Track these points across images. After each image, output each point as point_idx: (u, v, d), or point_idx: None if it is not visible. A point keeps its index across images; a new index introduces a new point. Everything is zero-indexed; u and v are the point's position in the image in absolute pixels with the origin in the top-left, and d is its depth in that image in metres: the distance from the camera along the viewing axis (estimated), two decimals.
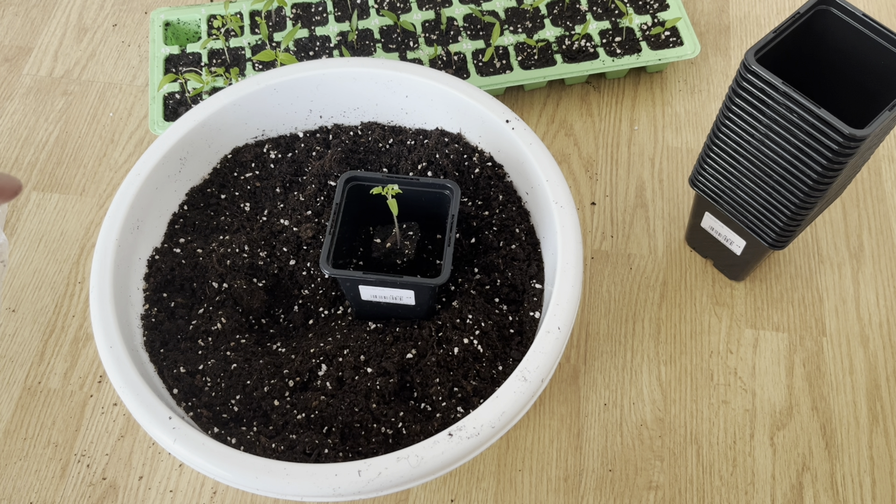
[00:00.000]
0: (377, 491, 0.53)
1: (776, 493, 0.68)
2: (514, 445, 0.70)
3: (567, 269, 0.61)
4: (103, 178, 0.87)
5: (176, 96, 0.87)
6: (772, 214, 0.65)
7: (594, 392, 0.73)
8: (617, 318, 0.77)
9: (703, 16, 0.99)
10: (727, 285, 0.79)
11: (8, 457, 0.70)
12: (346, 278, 0.61)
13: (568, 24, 0.91)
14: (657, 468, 0.69)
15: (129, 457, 0.70)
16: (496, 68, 0.88)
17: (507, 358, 0.63)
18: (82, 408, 0.72)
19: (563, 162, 0.87)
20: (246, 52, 0.90)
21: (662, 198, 0.84)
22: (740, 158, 0.64)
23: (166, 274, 0.67)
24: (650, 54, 0.89)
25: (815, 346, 0.75)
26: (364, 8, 0.93)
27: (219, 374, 0.62)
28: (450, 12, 0.92)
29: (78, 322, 0.77)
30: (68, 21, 1.00)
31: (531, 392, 0.56)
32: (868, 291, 0.78)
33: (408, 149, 0.74)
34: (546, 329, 0.58)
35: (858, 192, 0.84)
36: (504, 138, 0.70)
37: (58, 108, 0.92)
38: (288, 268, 0.68)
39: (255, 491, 0.54)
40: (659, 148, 0.88)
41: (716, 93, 0.92)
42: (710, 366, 0.74)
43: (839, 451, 0.70)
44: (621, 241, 0.82)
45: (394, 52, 0.90)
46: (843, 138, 0.54)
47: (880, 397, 0.73)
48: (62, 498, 0.68)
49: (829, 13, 0.60)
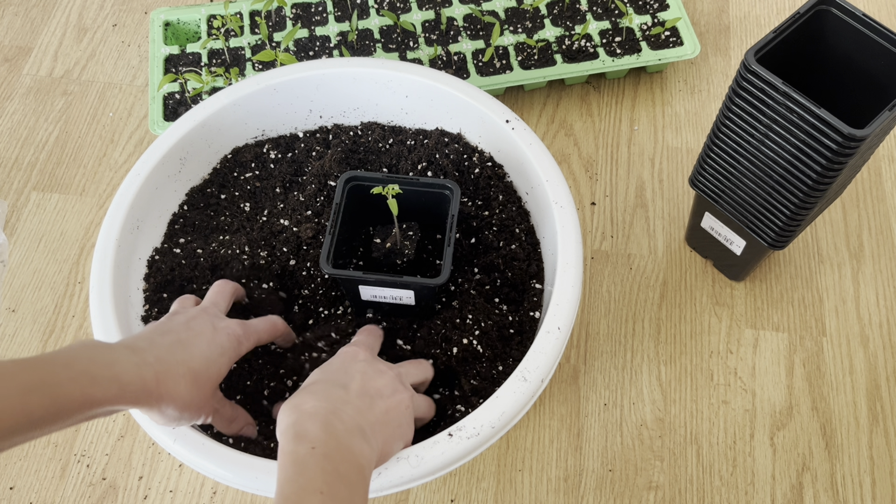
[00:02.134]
0: (377, 491, 0.53)
1: (776, 494, 0.68)
2: (514, 445, 0.70)
3: (567, 269, 0.61)
4: (103, 178, 0.87)
5: (176, 96, 0.87)
6: (772, 214, 0.65)
7: (594, 392, 0.73)
8: (617, 318, 0.77)
9: (703, 16, 0.99)
10: (727, 285, 0.79)
11: (8, 457, 0.70)
12: (345, 278, 0.61)
13: (568, 24, 0.91)
14: (657, 468, 0.69)
15: (128, 457, 0.70)
16: (496, 68, 0.88)
17: (507, 358, 0.63)
18: None
19: (563, 162, 0.87)
20: (246, 52, 0.90)
21: (662, 198, 0.84)
22: (740, 158, 0.64)
23: (166, 274, 0.67)
24: (650, 54, 0.89)
25: (815, 347, 0.75)
26: (364, 8, 0.93)
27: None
28: (450, 12, 0.92)
29: (78, 322, 0.77)
30: (68, 21, 1.00)
31: (531, 392, 0.56)
32: (868, 291, 0.78)
33: (408, 149, 0.74)
34: (546, 329, 0.58)
35: (858, 192, 0.84)
36: (504, 138, 0.70)
37: (58, 108, 0.92)
38: (288, 268, 0.68)
39: (255, 491, 0.54)
40: (659, 148, 0.88)
41: (716, 93, 0.92)
42: (710, 366, 0.74)
43: (839, 451, 0.70)
44: (621, 241, 0.82)
45: (394, 52, 0.90)
46: (843, 138, 0.54)
47: (880, 397, 0.73)
48: (62, 498, 0.68)
49: (829, 13, 0.60)
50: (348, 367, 0.54)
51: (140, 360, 0.48)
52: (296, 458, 0.45)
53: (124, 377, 0.46)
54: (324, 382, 0.52)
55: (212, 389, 0.53)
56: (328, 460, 0.45)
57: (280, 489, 0.44)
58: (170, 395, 0.49)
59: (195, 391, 0.51)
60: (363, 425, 0.49)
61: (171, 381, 0.49)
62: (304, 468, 0.44)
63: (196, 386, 0.51)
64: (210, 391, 0.52)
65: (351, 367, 0.54)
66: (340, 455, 0.46)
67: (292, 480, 0.44)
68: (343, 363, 0.54)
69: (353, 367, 0.54)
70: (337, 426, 0.47)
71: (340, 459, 0.46)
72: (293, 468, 0.45)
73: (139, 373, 0.47)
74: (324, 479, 0.44)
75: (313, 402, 0.49)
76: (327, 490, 0.43)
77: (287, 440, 0.47)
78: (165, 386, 0.49)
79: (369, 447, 0.48)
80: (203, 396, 0.52)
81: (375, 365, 0.55)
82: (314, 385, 0.51)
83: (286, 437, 0.47)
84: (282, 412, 0.49)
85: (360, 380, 0.52)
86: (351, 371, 0.53)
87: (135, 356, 0.48)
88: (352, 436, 0.48)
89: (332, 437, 0.47)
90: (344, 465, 0.45)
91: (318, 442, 0.46)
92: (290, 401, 0.50)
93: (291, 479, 0.44)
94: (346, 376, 0.53)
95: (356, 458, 0.47)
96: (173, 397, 0.49)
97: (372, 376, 0.53)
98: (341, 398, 0.50)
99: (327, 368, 0.54)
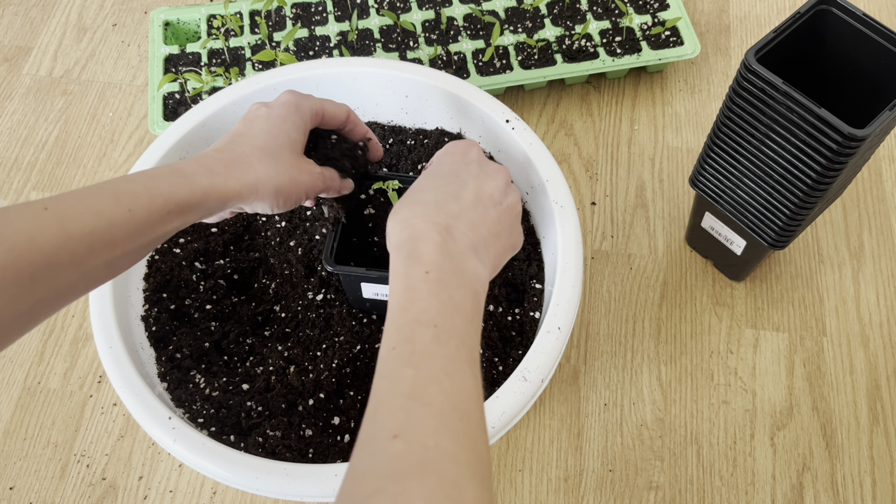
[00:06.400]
0: None
1: (776, 494, 0.68)
2: (514, 445, 0.70)
3: (567, 269, 0.61)
4: (103, 178, 0.87)
5: (176, 96, 0.87)
6: (772, 214, 0.65)
7: (594, 392, 0.73)
8: (617, 318, 0.77)
9: (704, 16, 0.99)
10: (727, 285, 0.79)
11: (8, 457, 0.70)
12: (348, 275, 0.61)
13: (568, 24, 0.91)
14: (657, 468, 0.69)
15: (128, 457, 0.70)
16: (496, 68, 0.88)
17: (507, 358, 0.63)
18: (82, 408, 0.72)
19: (563, 162, 0.87)
20: (246, 52, 0.90)
21: (662, 198, 0.84)
22: (740, 158, 0.64)
23: (166, 274, 0.67)
24: (650, 54, 0.89)
25: (815, 347, 0.75)
26: (364, 8, 0.93)
27: (219, 373, 0.62)
28: (450, 12, 0.92)
29: (77, 322, 0.77)
30: (68, 21, 1.00)
31: (531, 392, 0.56)
32: (868, 291, 0.78)
33: (408, 149, 0.74)
34: (546, 329, 0.58)
35: (858, 192, 0.84)
36: (504, 138, 0.70)
37: (57, 108, 0.92)
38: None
39: (255, 491, 0.53)
40: (659, 148, 0.88)
41: (716, 93, 0.92)
42: (710, 366, 0.74)
43: (839, 451, 0.70)
44: (621, 241, 0.81)
45: (394, 52, 0.90)
46: (843, 138, 0.54)
47: (881, 397, 0.73)
48: (62, 498, 0.68)
49: (829, 13, 0.60)
50: (460, 171, 0.51)
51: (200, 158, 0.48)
52: (408, 282, 0.43)
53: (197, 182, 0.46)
54: (436, 190, 0.49)
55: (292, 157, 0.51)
56: (442, 287, 0.42)
57: (392, 317, 0.41)
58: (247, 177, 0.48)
59: (272, 164, 0.50)
60: (476, 242, 0.47)
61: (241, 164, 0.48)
62: (416, 295, 0.42)
63: (271, 158, 0.50)
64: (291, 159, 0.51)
65: (463, 172, 0.51)
66: (456, 280, 0.43)
67: (405, 309, 0.41)
68: (454, 165, 0.52)
69: (465, 172, 0.51)
70: (451, 247, 0.45)
71: (455, 285, 0.43)
72: (405, 294, 0.42)
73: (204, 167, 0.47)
74: (438, 309, 0.41)
75: (426, 217, 0.46)
76: (441, 322, 0.41)
77: (400, 259, 0.44)
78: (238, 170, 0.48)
79: (482, 265, 0.46)
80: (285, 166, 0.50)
81: (486, 165, 0.53)
82: (426, 193, 0.49)
83: (399, 255, 0.45)
84: (393, 223, 0.47)
85: (472, 186, 0.50)
86: (463, 176, 0.51)
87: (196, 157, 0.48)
88: (465, 257, 0.45)
89: (447, 258, 0.44)
90: (459, 292, 0.43)
91: (432, 266, 0.43)
92: (400, 210, 0.47)
93: (404, 306, 0.42)
94: (458, 182, 0.50)
95: (471, 282, 0.44)
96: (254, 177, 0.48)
97: (484, 180, 0.51)
98: (454, 212, 0.47)
99: (437, 171, 0.51)
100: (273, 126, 0.52)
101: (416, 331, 0.40)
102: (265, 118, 0.52)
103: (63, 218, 0.40)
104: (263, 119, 0.52)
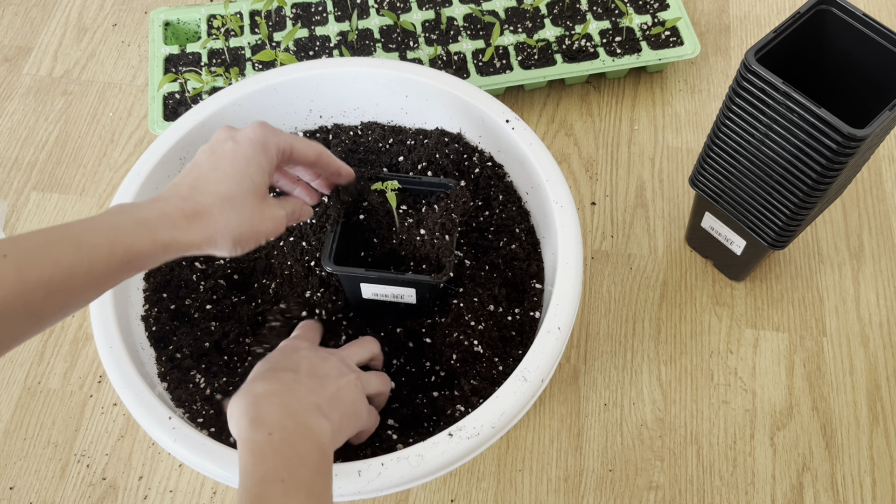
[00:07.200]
0: (377, 491, 0.53)
1: (776, 493, 0.68)
2: (514, 445, 0.70)
3: (567, 269, 0.61)
4: (103, 178, 0.87)
5: (176, 96, 0.87)
6: (772, 214, 0.65)
7: (594, 392, 0.73)
8: (617, 318, 0.77)
9: (704, 16, 0.99)
10: (727, 285, 0.79)
11: (8, 457, 0.70)
12: (347, 275, 0.61)
13: (568, 24, 0.91)
14: (657, 468, 0.69)
15: (128, 457, 0.70)
16: (496, 68, 0.88)
17: (508, 358, 0.63)
18: (82, 408, 0.72)
19: (563, 162, 0.87)
20: (246, 52, 0.90)
21: (662, 198, 0.84)
22: (740, 158, 0.64)
23: (165, 274, 0.67)
24: (650, 54, 0.89)
25: (815, 346, 0.75)
26: (364, 8, 0.93)
27: (219, 373, 0.62)
28: (450, 12, 0.92)
29: (78, 322, 0.77)
30: (68, 21, 1.00)
31: (531, 392, 0.56)
32: (868, 291, 0.78)
33: (408, 148, 0.74)
34: (546, 329, 0.58)
35: (858, 192, 0.84)
36: (504, 138, 0.70)
37: (58, 108, 0.92)
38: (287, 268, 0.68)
39: None
40: (659, 148, 0.88)
41: (716, 93, 0.92)
42: (710, 366, 0.74)
43: (839, 451, 0.70)
44: (621, 241, 0.81)
45: (394, 52, 0.90)
46: (843, 138, 0.54)
47: (880, 397, 0.73)
48: (62, 498, 0.68)
49: (829, 13, 0.60)
50: (291, 356, 0.54)
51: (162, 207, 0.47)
52: (253, 446, 0.45)
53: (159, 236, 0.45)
54: (271, 370, 0.51)
55: (255, 204, 0.51)
56: (287, 445, 0.45)
57: (241, 482, 0.43)
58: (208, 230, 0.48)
59: (233, 214, 0.49)
60: (319, 402, 0.49)
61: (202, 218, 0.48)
62: (263, 457, 0.44)
63: (233, 208, 0.49)
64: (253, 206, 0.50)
65: (294, 356, 0.54)
66: (299, 436, 0.45)
67: (252, 472, 0.43)
68: (285, 353, 0.55)
69: (296, 356, 0.54)
70: (293, 405, 0.47)
71: (300, 441, 0.45)
72: (251, 458, 0.44)
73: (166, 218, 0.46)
74: (283, 465, 0.43)
75: (265, 386, 0.49)
76: (288, 476, 0.43)
77: (243, 427, 0.46)
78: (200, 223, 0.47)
79: (328, 422, 0.48)
80: (247, 215, 0.50)
81: (318, 352, 0.55)
82: (262, 373, 0.51)
83: (241, 423, 0.46)
84: (233, 400, 0.49)
85: (306, 365, 0.53)
86: (295, 358, 0.53)
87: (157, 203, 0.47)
88: (309, 413, 0.47)
89: (290, 417, 0.46)
90: (304, 447, 0.45)
91: (275, 426, 0.45)
92: (239, 390, 0.49)
93: (251, 470, 0.44)
94: (291, 363, 0.53)
95: (316, 437, 0.46)
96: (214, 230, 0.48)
97: (316, 362, 0.53)
98: (292, 379, 0.50)
99: (270, 359, 0.54)
100: (237, 170, 0.51)
101: (264, 489, 0.42)
102: (230, 159, 0.51)
103: (22, 266, 0.39)
104: (229, 160, 0.51)
